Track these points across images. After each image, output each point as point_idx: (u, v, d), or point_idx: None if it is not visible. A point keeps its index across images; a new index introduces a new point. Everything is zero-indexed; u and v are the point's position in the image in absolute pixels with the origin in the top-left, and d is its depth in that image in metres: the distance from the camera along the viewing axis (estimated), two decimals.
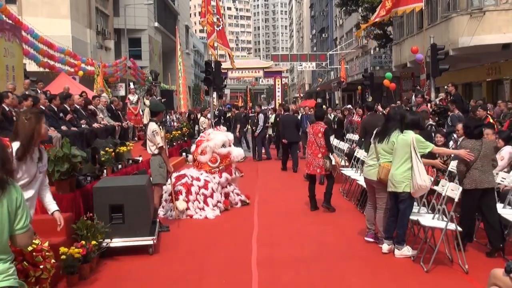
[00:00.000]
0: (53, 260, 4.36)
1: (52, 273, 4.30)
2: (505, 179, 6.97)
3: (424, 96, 15.91)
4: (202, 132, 12.08)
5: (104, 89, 19.07)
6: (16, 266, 2.95)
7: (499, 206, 6.71)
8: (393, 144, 6.41)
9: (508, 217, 6.18)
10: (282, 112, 16.05)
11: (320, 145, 8.88)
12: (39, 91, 12.32)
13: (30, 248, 3.98)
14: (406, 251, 6.25)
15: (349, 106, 21.43)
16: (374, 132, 6.92)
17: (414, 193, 6.23)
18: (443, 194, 6.17)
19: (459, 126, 9.56)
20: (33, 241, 4.05)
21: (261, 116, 17.65)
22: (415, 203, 6.94)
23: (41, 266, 4.05)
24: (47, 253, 4.17)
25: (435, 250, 5.80)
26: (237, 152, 9.89)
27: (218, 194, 9.19)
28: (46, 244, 4.36)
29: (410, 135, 6.24)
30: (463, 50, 19.78)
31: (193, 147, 10.22)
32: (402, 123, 6.43)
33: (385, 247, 6.42)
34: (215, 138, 9.75)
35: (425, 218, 6.24)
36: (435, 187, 6.73)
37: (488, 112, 12.15)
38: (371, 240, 6.91)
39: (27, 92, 11.21)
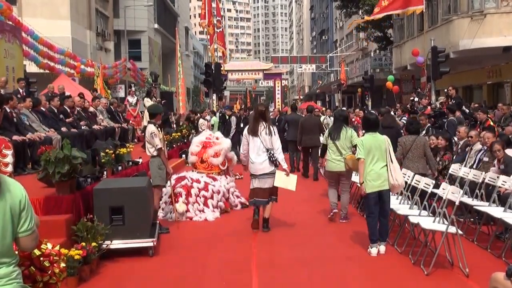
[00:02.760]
0: (63, 264, 4.28)
1: (63, 277, 4.22)
2: (505, 182, 6.95)
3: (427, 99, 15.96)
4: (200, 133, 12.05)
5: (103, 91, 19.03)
6: (23, 271, 2.87)
7: (500, 210, 6.71)
8: (350, 140, 8.00)
9: (509, 220, 6.17)
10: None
11: None
12: (20, 90, 12.02)
13: (38, 253, 3.92)
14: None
15: (344, 108, 21.48)
16: (328, 133, 8.35)
17: (393, 190, 6.59)
18: (443, 198, 6.15)
19: (462, 129, 9.57)
20: (42, 245, 4.00)
21: (233, 118, 17.45)
22: (415, 206, 6.97)
23: (49, 271, 3.98)
24: (55, 258, 4.10)
25: (436, 253, 5.79)
26: (235, 156, 10.38)
27: (220, 196, 9.18)
28: (57, 248, 4.29)
29: (382, 136, 6.67)
30: (463, 52, 19.78)
31: (195, 148, 10.14)
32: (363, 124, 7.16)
33: (374, 250, 6.45)
34: (225, 142, 10.08)
35: (426, 221, 6.22)
36: (435, 190, 6.72)
37: (488, 115, 12.14)
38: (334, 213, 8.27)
39: (2, 91, 11.01)
